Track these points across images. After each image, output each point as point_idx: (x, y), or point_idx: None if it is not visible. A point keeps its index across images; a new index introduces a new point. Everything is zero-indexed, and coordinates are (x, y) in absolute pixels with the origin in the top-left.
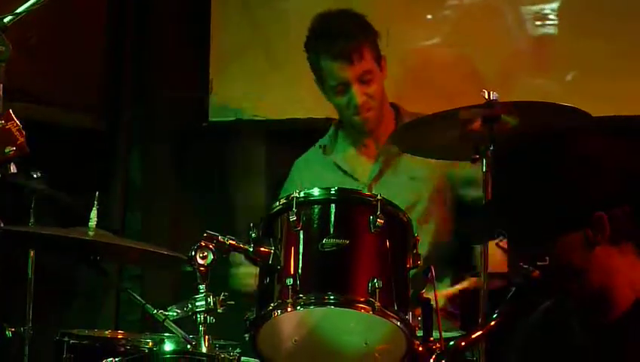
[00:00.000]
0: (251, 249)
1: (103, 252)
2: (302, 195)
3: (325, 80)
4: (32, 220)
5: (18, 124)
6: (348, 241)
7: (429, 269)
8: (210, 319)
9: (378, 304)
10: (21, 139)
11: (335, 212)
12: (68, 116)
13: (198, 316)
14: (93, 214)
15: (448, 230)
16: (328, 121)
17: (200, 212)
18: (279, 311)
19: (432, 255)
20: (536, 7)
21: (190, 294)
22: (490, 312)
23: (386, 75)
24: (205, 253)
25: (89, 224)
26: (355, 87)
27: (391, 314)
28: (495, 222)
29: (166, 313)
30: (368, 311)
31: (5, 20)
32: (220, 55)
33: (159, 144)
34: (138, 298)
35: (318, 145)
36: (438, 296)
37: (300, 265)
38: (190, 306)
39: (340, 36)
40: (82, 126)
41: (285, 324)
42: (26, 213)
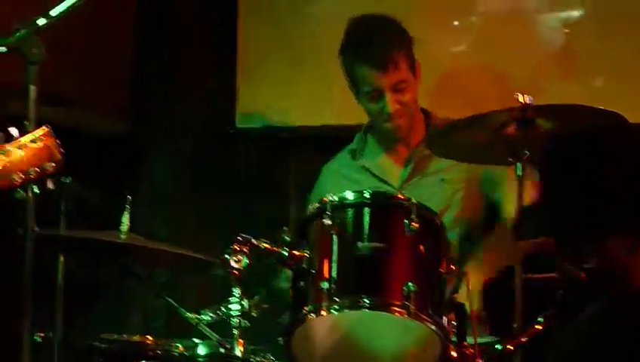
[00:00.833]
0: (285, 253)
1: (135, 256)
2: (336, 199)
3: (359, 86)
4: (63, 225)
5: (56, 141)
6: (383, 245)
7: (463, 273)
8: (244, 323)
9: (413, 307)
10: (59, 156)
11: (369, 215)
12: (94, 120)
13: (232, 320)
14: (124, 218)
15: (478, 234)
16: (358, 128)
17: (226, 217)
18: (314, 315)
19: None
20: (563, 13)
21: (218, 299)
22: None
23: (420, 82)
24: (239, 257)
25: (120, 228)
26: (389, 96)
27: (426, 318)
28: (544, 226)
29: (200, 317)
30: (403, 315)
31: (39, 23)
32: (247, 61)
33: (186, 149)
34: (172, 301)
35: (347, 150)
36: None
37: (335, 269)
38: (224, 310)
39: (377, 44)
40: (109, 130)
41: (319, 328)
42: (57, 219)
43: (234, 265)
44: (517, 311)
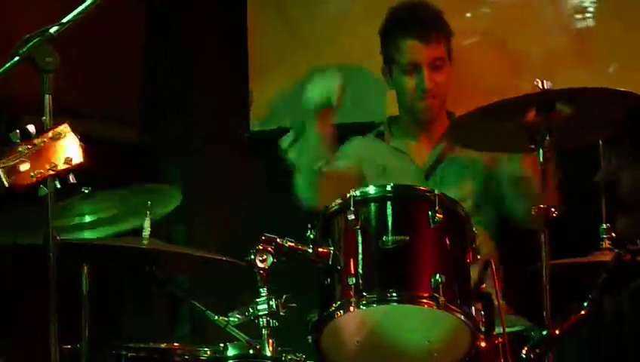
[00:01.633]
0: (310, 250)
1: (158, 261)
2: (358, 194)
3: (398, 60)
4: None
5: (75, 135)
6: (408, 238)
7: (489, 263)
8: (273, 322)
9: (442, 299)
10: (79, 149)
11: (393, 209)
12: (110, 130)
13: (261, 320)
14: (146, 224)
15: (492, 228)
16: (374, 126)
17: (244, 222)
18: (342, 311)
19: None
20: (574, 0)
21: (245, 300)
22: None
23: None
24: (264, 256)
25: (143, 234)
26: (426, 71)
27: (455, 309)
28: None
29: (227, 319)
30: (432, 307)
31: (52, 31)
32: (259, 63)
33: (201, 155)
34: (198, 305)
35: (374, 133)
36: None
37: (361, 264)
38: (252, 310)
39: (423, 18)
40: (124, 139)
41: (348, 325)
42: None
43: (260, 265)
44: (546, 300)
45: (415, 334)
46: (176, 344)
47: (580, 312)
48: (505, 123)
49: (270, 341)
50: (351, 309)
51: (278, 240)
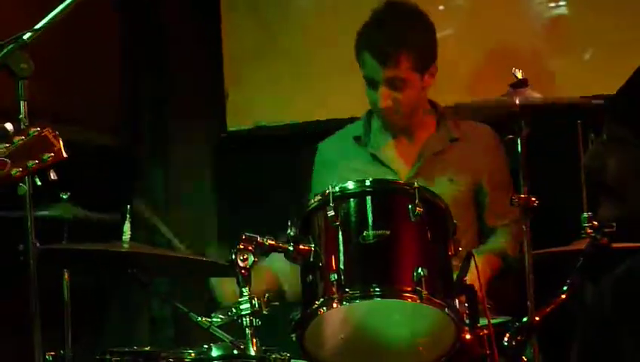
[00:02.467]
0: (291, 248)
1: (140, 264)
2: (337, 190)
3: (362, 70)
4: (65, 241)
5: (53, 131)
6: (389, 232)
7: (471, 255)
8: (256, 321)
9: (425, 292)
10: (58, 145)
11: (373, 203)
12: (88, 134)
13: (244, 319)
14: (126, 227)
15: (474, 234)
16: (350, 121)
17: (225, 223)
18: (325, 308)
19: None
20: None
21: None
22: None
23: (432, 83)
24: (246, 256)
25: (123, 237)
26: (382, 89)
27: (439, 302)
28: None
29: (211, 319)
30: (415, 300)
31: (25, 37)
32: (234, 62)
33: (181, 158)
34: (181, 306)
35: (351, 135)
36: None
37: (342, 260)
38: (235, 310)
39: (383, 36)
40: (102, 143)
41: (332, 321)
42: (59, 235)
43: (241, 264)
44: (529, 289)
45: (399, 328)
46: (159, 346)
47: (560, 297)
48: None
49: (254, 340)
50: (334, 305)
51: (259, 238)
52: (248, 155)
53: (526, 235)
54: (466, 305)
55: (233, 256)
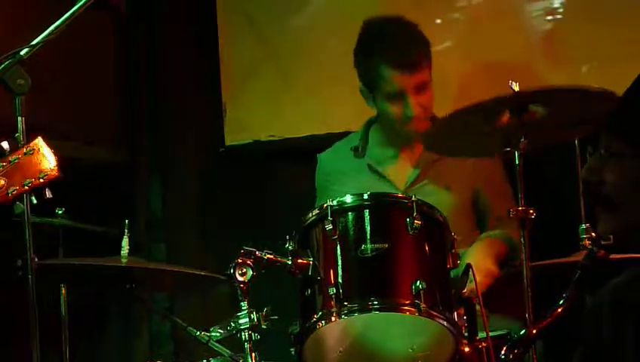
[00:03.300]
0: (290, 262)
1: (138, 279)
2: (335, 203)
3: (380, 86)
4: (62, 256)
5: (49, 149)
6: (387, 245)
7: (469, 268)
8: (255, 336)
9: (424, 305)
10: (53, 163)
11: (370, 217)
12: (86, 150)
13: (243, 333)
14: (124, 242)
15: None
16: (346, 135)
17: (224, 237)
18: (324, 322)
19: None
20: (544, 1)
21: (225, 316)
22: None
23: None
24: (244, 270)
25: (121, 252)
26: (412, 98)
27: (437, 315)
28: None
29: (209, 334)
30: (414, 313)
31: (22, 53)
32: (231, 77)
33: (179, 172)
34: (179, 321)
35: (349, 147)
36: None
37: (341, 274)
38: (233, 324)
39: (402, 44)
40: (100, 159)
41: (330, 335)
42: (54, 251)
43: (239, 279)
44: (527, 302)
45: (398, 341)
46: None
47: (557, 310)
48: (480, 126)
49: (253, 354)
50: (332, 319)
51: (257, 252)
52: (246, 170)
53: (524, 247)
54: (465, 318)
55: (232, 270)
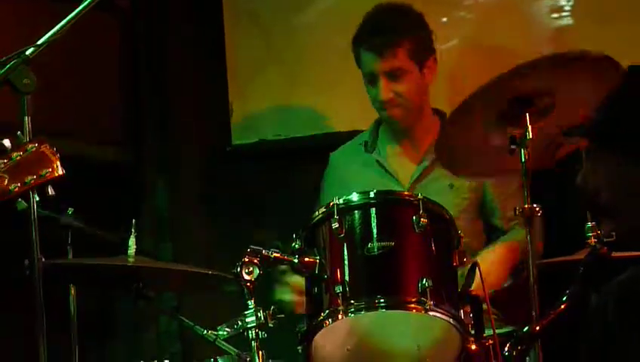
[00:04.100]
0: (296, 260)
1: (145, 278)
2: (342, 202)
3: (362, 70)
4: (71, 256)
5: (51, 147)
6: (393, 243)
7: (476, 265)
8: (262, 334)
9: (430, 303)
10: (55, 161)
11: (377, 215)
12: (92, 150)
13: (250, 332)
14: (131, 241)
15: (479, 242)
16: (354, 134)
17: (231, 236)
18: (331, 320)
19: None
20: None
21: (232, 314)
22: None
23: (432, 79)
24: (251, 268)
25: (128, 252)
26: (382, 82)
27: (444, 313)
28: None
29: (216, 332)
30: (420, 311)
31: (28, 52)
32: (238, 76)
33: (185, 172)
34: (186, 320)
35: (359, 142)
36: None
37: (347, 272)
38: (240, 323)
39: (379, 29)
40: (107, 159)
41: (337, 333)
42: (63, 250)
43: (246, 277)
44: (533, 299)
45: (405, 339)
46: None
47: (560, 307)
48: (482, 126)
49: (260, 353)
50: (339, 317)
51: (264, 251)
52: (253, 169)
53: (529, 245)
54: (471, 316)
55: (238, 269)
